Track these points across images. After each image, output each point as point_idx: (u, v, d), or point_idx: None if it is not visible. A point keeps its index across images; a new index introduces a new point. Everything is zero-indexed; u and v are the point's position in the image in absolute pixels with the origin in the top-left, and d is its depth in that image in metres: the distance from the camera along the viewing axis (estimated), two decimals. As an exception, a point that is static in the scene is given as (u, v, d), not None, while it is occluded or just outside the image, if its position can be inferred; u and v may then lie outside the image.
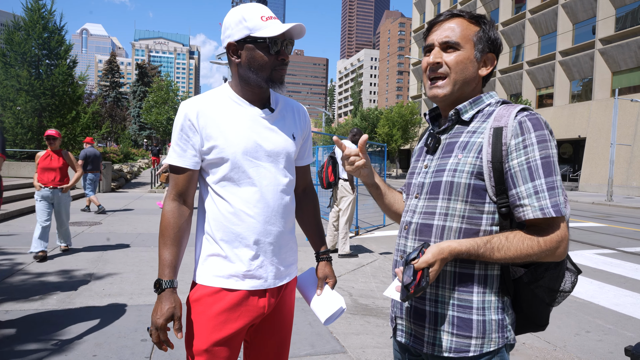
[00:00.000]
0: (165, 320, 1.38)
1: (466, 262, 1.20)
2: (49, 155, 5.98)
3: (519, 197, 1.14)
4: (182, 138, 1.44)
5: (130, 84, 61.51)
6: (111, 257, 5.86)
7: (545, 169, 1.12)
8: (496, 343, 1.19)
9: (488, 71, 1.28)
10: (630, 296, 5.21)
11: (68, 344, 3.19)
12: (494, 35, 1.27)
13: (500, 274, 1.21)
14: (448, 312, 1.21)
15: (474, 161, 1.18)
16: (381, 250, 7.30)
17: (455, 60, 1.24)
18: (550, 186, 1.12)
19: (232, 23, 1.42)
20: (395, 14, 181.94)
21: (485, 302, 1.19)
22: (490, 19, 1.31)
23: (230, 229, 1.44)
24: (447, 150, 1.26)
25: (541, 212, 1.11)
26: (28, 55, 15.96)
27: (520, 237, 1.13)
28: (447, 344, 1.20)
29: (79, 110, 17.75)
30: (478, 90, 1.31)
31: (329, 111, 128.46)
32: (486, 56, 1.28)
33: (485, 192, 1.18)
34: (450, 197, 1.21)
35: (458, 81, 1.25)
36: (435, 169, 1.27)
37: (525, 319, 1.28)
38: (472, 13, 1.29)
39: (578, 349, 3.67)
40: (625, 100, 24.37)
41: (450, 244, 1.13)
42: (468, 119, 1.27)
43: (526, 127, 1.14)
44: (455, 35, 1.24)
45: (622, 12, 28.38)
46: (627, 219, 13.71)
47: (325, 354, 3.21)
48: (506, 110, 1.20)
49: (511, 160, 1.15)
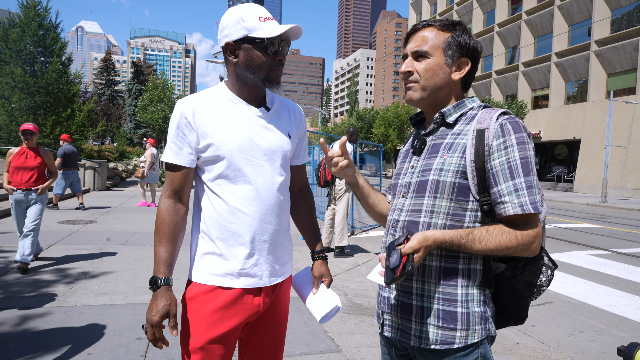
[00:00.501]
0: (160, 317, 1.38)
1: (451, 257, 1.26)
2: (24, 152, 5.23)
3: (500, 194, 1.21)
4: (178, 136, 1.44)
5: (125, 82, 61.21)
6: (106, 255, 5.84)
7: (524, 168, 1.20)
8: (479, 335, 1.25)
9: (461, 75, 1.35)
10: (624, 297, 5.25)
11: (62, 342, 3.18)
12: (464, 40, 1.33)
13: (483, 269, 1.27)
14: (434, 306, 1.26)
15: (458, 161, 1.25)
16: (377, 250, 7.31)
17: (424, 68, 1.33)
18: (528, 185, 1.19)
19: (230, 23, 1.43)
20: (392, 14, 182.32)
21: (469, 295, 1.26)
22: (464, 25, 1.36)
23: (226, 226, 1.44)
24: (433, 151, 1.33)
25: (521, 209, 1.18)
26: (23, 52, 15.86)
27: (500, 230, 1.20)
28: (433, 337, 1.26)
29: (74, 108, 17.66)
30: (455, 93, 1.38)
31: (325, 111, 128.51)
32: (459, 61, 1.34)
33: (468, 190, 1.25)
34: (437, 195, 1.27)
35: (428, 87, 1.34)
36: (421, 169, 1.33)
37: (505, 313, 1.34)
38: (445, 21, 1.36)
39: (572, 349, 3.70)
40: (620, 102, 24.51)
41: (435, 232, 1.20)
42: (452, 122, 1.34)
43: (507, 129, 1.22)
44: (425, 44, 1.33)
45: (617, 14, 28.54)
46: (621, 220, 13.80)
47: (320, 353, 3.21)
48: (488, 114, 1.28)
49: (493, 160, 1.22)
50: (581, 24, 30.85)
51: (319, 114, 57.47)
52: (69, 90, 17.39)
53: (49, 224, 7.92)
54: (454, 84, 1.36)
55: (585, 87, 30.15)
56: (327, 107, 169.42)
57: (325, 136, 13.31)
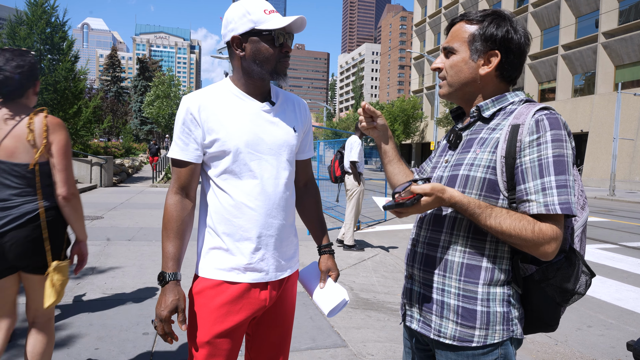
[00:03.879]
0: (169, 312, 1.38)
1: (475, 253, 1.23)
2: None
3: (526, 192, 1.15)
4: (184, 132, 1.44)
5: (131, 79, 61.42)
6: (113, 251, 5.87)
7: (556, 166, 1.12)
8: (500, 335, 1.21)
9: (490, 69, 1.27)
10: (633, 291, 5.22)
11: (70, 337, 3.21)
12: (490, 32, 1.25)
13: (509, 269, 1.23)
14: (453, 302, 1.24)
15: (489, 156, 1.21)
16: (382, 244, 7.31)
17: (449, 65, 1.33)
18: (560, 184, 1.11)
19: (236, 17, 1.43)
20: (397, 8, 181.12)
21: (490, 294, 1.21)
22: (497, 15, 1.28)
23: (232, 221, 1.44)
24: (467, 145, 1.30)
25: (545, 208, 1.11)
26: (31, 50, 15.93)
27: (519, 216, 1.14)
28: (452, 332, 1.24)
29: (81, 105, 17.74)
30: (490, 87, 1.31)
31: (330, 106, 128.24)
32: (488, 54, 1.27)
33: (498, 186, 1.20)
34: (465, 190, 1.23)
35: (454, 83, 1.33)
36: (454, 163, 1.31)
37: (534, 318, 1.29)
38: (479, 12, 1.30)
39: (579, 344, 3.68)
40: (629, 95, 24.26)
41: (454, 190, 1.18)
42: (489, 116, 1.29)
43: (543, 125, 1.15)
44: (453, 40, 1.32)
45: (625, 5, 28.20)
46: (630, 214, 13.69)
47: (327, 347, 3.22)
48: (526, 109, 1.22)
49: (523, 157, 1.16)
50: (588, 15, 30.53)
51: (324, 109, 57.40)
52: (76, 87, 17.47)
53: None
54: (485, 78, 1.30)
55: (593, 79, 29.87)
56: (332, 102, 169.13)
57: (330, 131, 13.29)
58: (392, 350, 3.25)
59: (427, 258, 1.31)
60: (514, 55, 1.27)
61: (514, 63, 1.28)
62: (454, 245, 1.25)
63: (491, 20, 1.27)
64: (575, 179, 1.19)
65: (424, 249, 1.32)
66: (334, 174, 6.91)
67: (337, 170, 6.84)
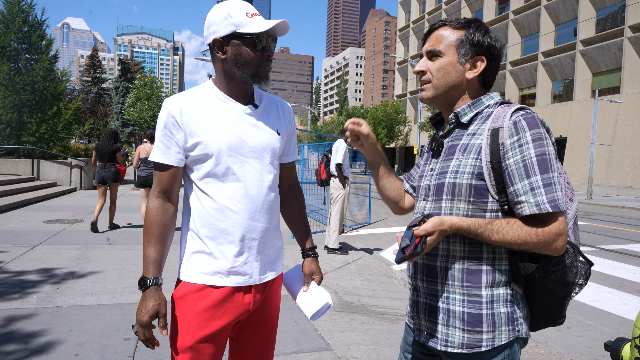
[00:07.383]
0: (150, 317, 1.37)
1: (473, 258, 1.24)
2: None
3: (516, 194, 1.18)
4: (165, 135, 1.43)
5: (112, 80, 60.46)
6: (93, 255, 5.76)
7: (540, 165, 1.15)
8: (507, 336, 1.23)
9: (476, 74, 1.31)
10: (609, 292, 5.34)
11: (49, 343, 3.13)
12: (478, 38, 1.29)
13: (509, 269, 1.25)
14: (459, 309, 1.25)
15: (473, 162, 1.23)
16: (367, 247, 7.33)
17: (436, 67, 1.32)
18: (546, 182, 1.15)
19: (217, 19, 1.42)
20: (381, 13, 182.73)
21: (494, 296, 1.23)
22: (480, 23, 1.33)
23: (215, 225, 1.43)
24: (449, 153, 1.32)
25: (537, 208, 1.14)
26: (7, 49, 15.58)
27: (520, 224, 1.17)
28: (460, 340, 1.25)
29: (60, 106, 17.39)
30: (472, 92, 1.34)
31: (314, 109, 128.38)
32: (474, 59, 1.31)
33: (487, 191, 1.22)
34: (454, 198, 1.26)
35: (440, 86, 1.32)
36: (438, 172, 1.33)
37: (541, 314, 1.31)
38: (461, 19, 1.33)
39: (559, 345, 3.75)
40: (605, 101, 24.87)
41: (452, 218, 1.19)
42: (467, 122, 1.31)
43: (521, 126, 1.18)
44: (439, 43, 1.32)
45: (602, 14, 28.93)
46: (606, 217, 14.02)
47: (311, 351, 3.21)
48: (502, 111, 1.25)
49: (507, 159, 1.19)
50: (567, 23, 31.22)
51: (309, 112, 57.46)
52: (55, 88, 17.13)
53: (35, 224, 7.81)
54: (469, 83, 1.33)
55: (571, 86, 30.54)
56: (316, 106, 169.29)
57: (314, 134, 13.31)
58: (376, 353, 3.26)
59: (428, 268, 1.32)
60: (495, 62, 1.33)
61: (494, 70, 1.34)
62: (452, 252, 1.27)
63: (477, 27, 1.31)
64: (560, 172, 1.23)
65: (424, 260, 1.33)
66: (320, 177, 6.98)
67: (323, 174, 6.91)
